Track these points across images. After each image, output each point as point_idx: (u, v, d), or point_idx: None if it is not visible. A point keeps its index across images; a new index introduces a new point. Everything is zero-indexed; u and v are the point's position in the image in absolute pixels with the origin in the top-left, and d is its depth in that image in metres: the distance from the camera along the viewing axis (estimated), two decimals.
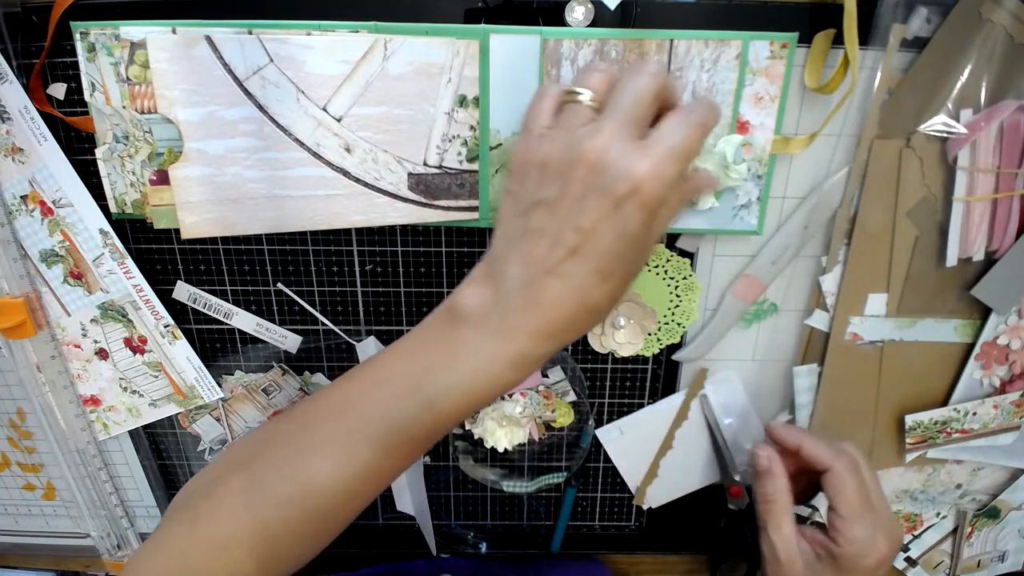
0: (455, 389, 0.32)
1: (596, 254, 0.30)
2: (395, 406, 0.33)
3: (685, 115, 0.32)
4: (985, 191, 0.46)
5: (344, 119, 0.43)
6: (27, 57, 0.43)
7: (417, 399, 0.33)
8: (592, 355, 0.53)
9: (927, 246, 0.48)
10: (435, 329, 0.34)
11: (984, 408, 0.53)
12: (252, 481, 0.35)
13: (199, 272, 0.50)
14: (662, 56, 0.42)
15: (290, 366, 0.54)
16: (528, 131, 0.33)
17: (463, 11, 0.42)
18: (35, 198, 0.46)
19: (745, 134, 0.44)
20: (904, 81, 0.43)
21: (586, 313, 0.32)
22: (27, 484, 0.60)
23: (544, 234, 0.31)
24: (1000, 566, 0.64)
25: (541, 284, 0.31)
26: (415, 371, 0.33)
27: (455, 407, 0.33)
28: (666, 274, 0.50)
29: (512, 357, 0.32)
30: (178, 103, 0.41)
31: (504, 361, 0.32)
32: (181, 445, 0.57)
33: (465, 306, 0.33)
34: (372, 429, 0.34)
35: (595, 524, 0.62)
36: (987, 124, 0.44)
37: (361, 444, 0.34)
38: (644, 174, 0.29)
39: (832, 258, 0.48)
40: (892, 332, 0.51)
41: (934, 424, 0.53)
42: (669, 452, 0.57)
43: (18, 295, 0.48)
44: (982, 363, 0.51)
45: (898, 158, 0.45)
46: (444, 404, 0.33)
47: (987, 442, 0.55)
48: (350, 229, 0.48)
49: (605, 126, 0.30)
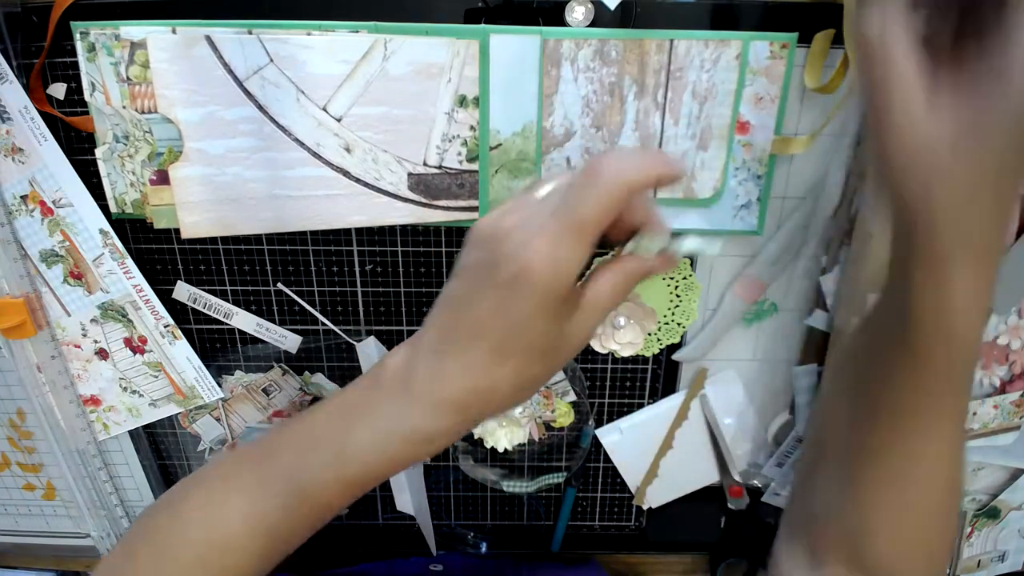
0: (359, 456, 0.31)
1: (488, 332, 0.29)
2: (309, 466, 0.32)
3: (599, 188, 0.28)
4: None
5: (344, 119, 0.43)
6: (27, 57, 0.43)
7: (329, 461, 0.32)
8: (592, 355, 0.53)
9: None
10: (361, 388, 0.33)
11: (984, 408, 0.53)
12: (159, 549, 0.34)
13: (199, 272, 0.50)
14: (662, 56, 0.42)
15: (290, 366, 0.54)
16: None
17: (463, 11, 0.42)
18: (35, 198, 0.46)
19: (745, 134, 0.44)
20: None
21: (488, 392, 0.30)
22: (27, 484, 0.60)
23: (452, 303, 0.31)
24: (1000, 566, 0.64)
25: (444, 354, 0.30)
26: (334, 432, 0.32)
27: (358, 475, 0.32)
28: (666, 274, 0.50)
29: (406, 431, 0.31)
30: (178, 103, 0.41)
31: (399, 434, 0.31)
32: (181, 445, 0.57)
33: (386, 367, 0.32)
34: (283, 486, 0.33)
35: (595, 524, 0.62)
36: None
37: (272, 500, 0.33)
38: (534, 253, 0.27)
39: (832, 258, 0.48)
40: None
41: None
42: (669, 452, 0.57)
43: (18, 295, 0.48)
44: (982, 363, 0.51)
45: None
46: (352, 469, 0.32)
47: (987, 442, 0.55)
48: (350, 229, 0.48)
49: (530, 208, 0.29)
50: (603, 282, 0.30)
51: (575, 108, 0.43)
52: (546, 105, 0.43)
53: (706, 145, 0.44)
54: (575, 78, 0.42)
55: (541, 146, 0.44)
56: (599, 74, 0.42)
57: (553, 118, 0.44)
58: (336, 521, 0.61)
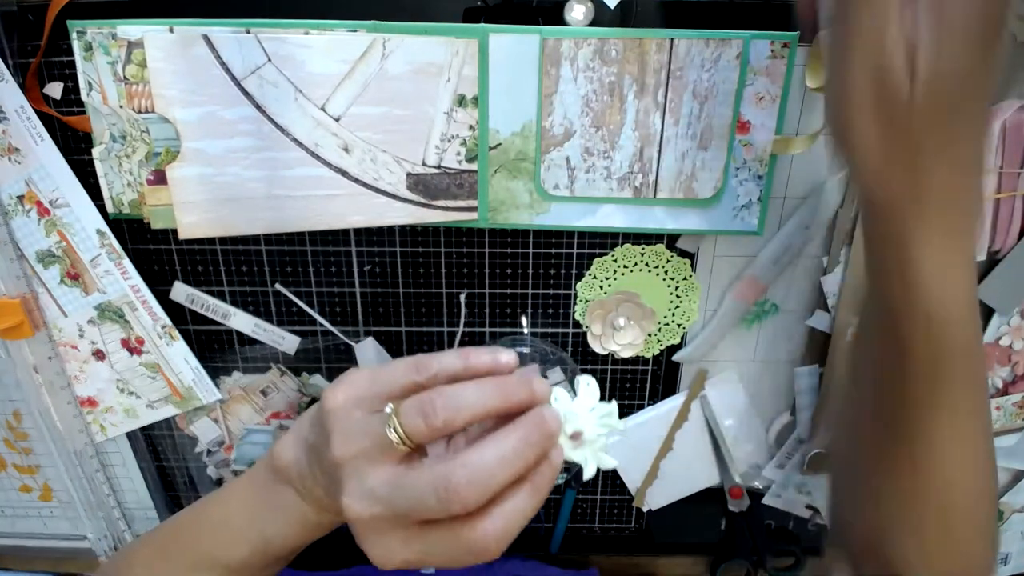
0: (279, 540, 0.36)
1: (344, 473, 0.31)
2: (229, 548, 0.36)
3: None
4: (987, 192, 0.46)
5: (343, 119, 0.43)
6: (23, 56, 0.43)
7: (247, 546, 0.36)
8: (592, 356, 0.53)
9: None
10: (262, 479, 0.36)
11: None
12: None
13: (197, 273, 0.50)
14: (662, 56, 0.42)
15: (288, 367, 0.54)
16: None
17: (462, 10, 0.42)
18: (32, 198, 0.46)
19: (746, 134, 0.44)
20: None
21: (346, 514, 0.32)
22: (24, 486, 0.60)
23: (312, 447, 0.33)
24: (1002, 568, 0.64)
25: (319, 471, 0.33)
26: (244, 519, 0.36)
27: (276, 553, 0.36)
28: (666, 274, 0.50)
29: (311, 521, 0.35)
30: (176, 102, 0.41)
31: (305, 524, 0.35)
32: (179, 447, 0.57)
33: (280, 462, 0.35)
34: (211, 564, 0.36)
35: (595, 526, 0.61)
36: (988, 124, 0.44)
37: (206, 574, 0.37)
38: (328, 392, 0.31)
39: (833, 258, 0.48)
40: None
41: None
42: (669, 454, 0.57)
43: (15, 296, 0.47)
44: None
45: None
46: (271, 548, 0.36)
47: None
48: (348, 229, 0.48)
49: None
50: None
51: (575, 108, 0.43)
52: (545, 105, 0.43)
53: (706, 145, 0.44)
54: (575, 77, 0.42)
55: (540, 146, 0.44)
56: (599, 73, 0.42)
57: (553, 118, 0.43)
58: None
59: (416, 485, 0.28)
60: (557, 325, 0.52)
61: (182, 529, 0.39)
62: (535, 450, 0.28)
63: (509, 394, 0.29)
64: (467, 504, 0.27)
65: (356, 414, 0.30)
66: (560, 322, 0.52)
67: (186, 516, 0.39)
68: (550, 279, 0.50)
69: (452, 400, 0.28)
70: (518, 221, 0.47)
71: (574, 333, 0.53)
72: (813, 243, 0.48)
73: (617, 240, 0.49)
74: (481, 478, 0.27)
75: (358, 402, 0.31)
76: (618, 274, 0.50)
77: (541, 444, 0.28)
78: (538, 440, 0.28)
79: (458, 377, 0.30)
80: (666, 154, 0.44)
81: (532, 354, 0.53)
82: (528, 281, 0.51)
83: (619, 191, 0.45)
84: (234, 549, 0.36)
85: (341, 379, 0.32)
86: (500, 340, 0.53)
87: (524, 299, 0.51)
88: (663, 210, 0.46)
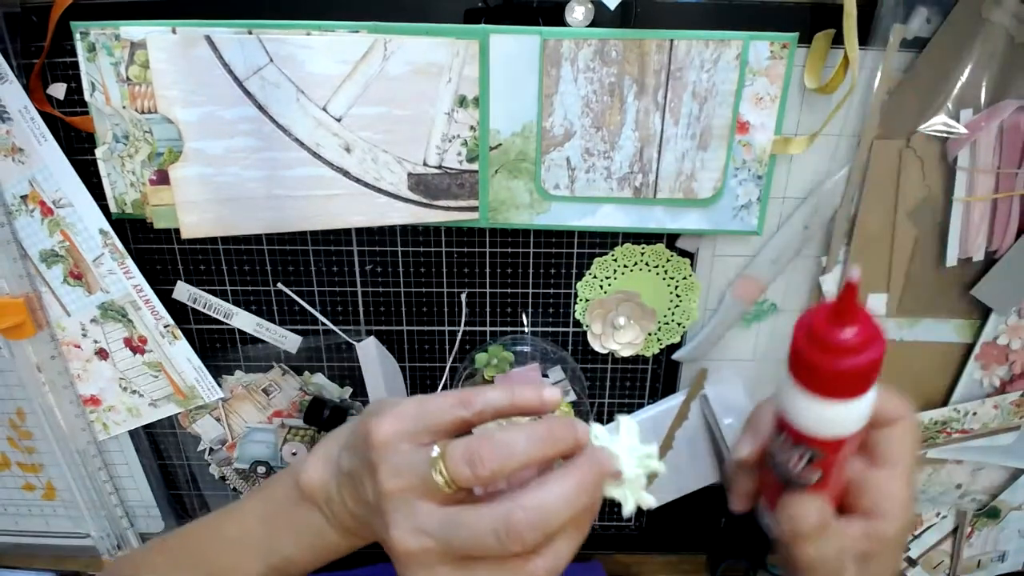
0: (297, 560, 0.36)
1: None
2: (244, 565, 0.36)
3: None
4: (985, 191, 0.46)
5: (344, 119, 0.43)
6: (27, 57, 0.43)
7: (263, 564, 0.36)
8: (592, 355, 0.53)
9: (927, 246, 0.48)
10: (282, 497, 0.36)
11: (984, 408, 0.53)
12: None
13: (199, 272, 0.50)
14: (662, 56, 0.42)
15: (290, 366, 0.54)
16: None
17: (463, 11, 0.42)
18: (35, 198, 0.46)
19: (745, 134, 0.44)
20: (904, 81, 0.43)
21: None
22: (27, 484, 0.60)
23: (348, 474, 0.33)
24: (1000, 566, 0.64)
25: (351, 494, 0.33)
26: (262, 537, 0.36)
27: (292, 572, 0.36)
28: (666, 274, 0.50)
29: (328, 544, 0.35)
30: (178, 103, 0.41)
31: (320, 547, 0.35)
32: (181, 445, 0.57)
33: (307, 484, 0.35)
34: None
35: (595, 524, 0.62)
36: (987, 124, 0.44)
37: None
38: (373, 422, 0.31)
39: (832, 258, 0.48)
40: (893, 332, 0.51)
41: (934, 424, 0.53)
42: (669, 453, 0.57)
43: (18, 295, 0.48)
44: (982, 363, 0.51)
45: (898, 158, 0.45)
46: (289, 567, 0.36)
47: (987, 442, 0.55)
48: (350, 229, 0.48)
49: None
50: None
51: (575, 108, 0.43)
52: (546, 105, 0.43)
53: (706, 145, 0.44)
54: (575, 78, 0.42)
55: (541, 146, 0.44)
56: (599, 74, 0.42)
57: (553, 118, 0.44)
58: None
59: (474, 524, 0.28)
60: (557, 324, 0.52)
61: (196, 541, 0.39)
62: (592, 494, 0.29)
63: (555, 441, 0.30)
64: (527, 545, 0.27)
65: (403, 447, 0.30)
66: (560, 321, 0.52)
67: (199, 528, 0.39)
68: (550, 279, 0.51)
69: (499, 449, 0.29)
70: (518, 221, 0.47)
71: (574, 332, 0.53)
72: (813, 243, 0.49)
73: (617, 240, 0.49)
74: (542, 521, 0.27)
75: (405, 436, 0.31)
76: (618, 274, 0.50)
77: (597, 487, 0.30)
78: (593, 483, 0.29)
79: (503, 413, 0.31)
80: (666, 154, 0.45)
81: (532, 353, 0.53)
82: (528, 280, 0.51)
83: (619, 191, 0.46)
84: (250, 566, 0.36)
85: (387, 410, 0.32)
86: (501, 339, 0.53)
87: (524, 298, 0.51)
88: (663, 210, 0.47)
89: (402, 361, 0.54)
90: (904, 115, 0.44)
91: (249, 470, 0.56)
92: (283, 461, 0.55)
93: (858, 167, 0.45)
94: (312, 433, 0.55)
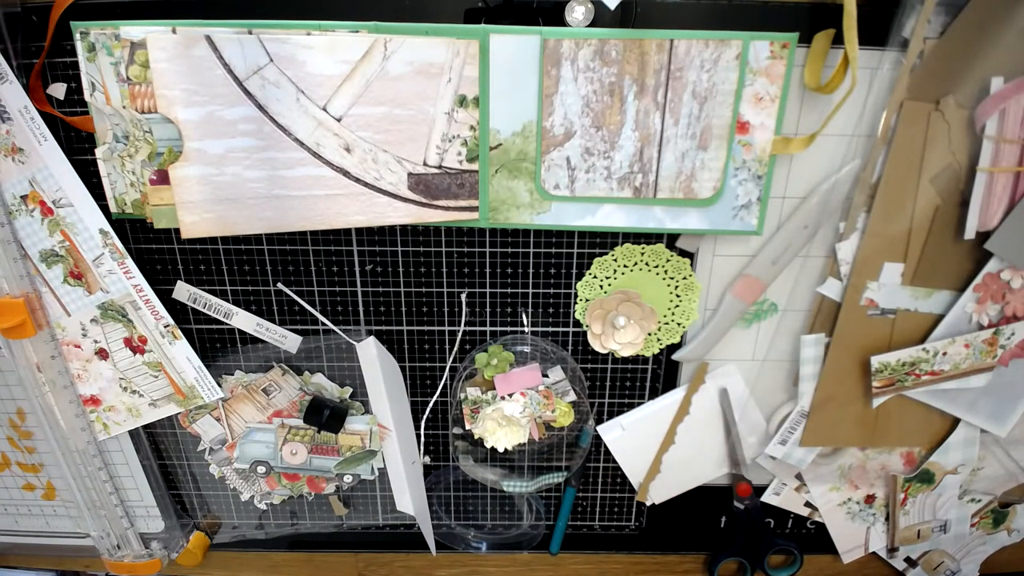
0: None
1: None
2: None
3: None
4: (1010, 163, 0.45)
5: (344, 119, 0.43)
6: (27, 57, 0.43)
7: None
8: (592, 355, 0.53)
9: (947, 217, 0.47)
10: None
11: (955, 348, 0.50)
12: None
13: (199, 272, 0.50)
14: (662, 56, 0.42)
15: (290, 366, 0.54)
16: None
17: (463, 11, 0.42)
18: (35, 198, 0.46)
19: (745, 134, 0.44)
20: (937, 46, 0.42)
21: None
22: (27, 484, 0.60)
23: None
24: (943, 537, 0.59)
25: None
26: None
27: None
28: (666, 274, 0.50)
29: None
30: (178, 103, 0.41)
31: None
32: (181, 445, 0.57)
33: None
34: None
35: (595, 524, 0.62)
36: (1017, 93, 0.42)
37: None
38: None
39: (851, 224, 0.47)
40: (908, 301, 0.49)
41: (902, 366, 0.51)
42: (671, 448, 0.57)
43: (18, 295, 0.48)
44: (979, 296, 0.49)
45: (926, 121, 0.44)
46: None
47: (959, 384, 0.52)
48: (350, 229, 0.48)
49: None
50: None
51: (575, 108, 0.43)
52: (546, 105, 0.43)
53: (706, 145, 0.44)
54: (575, 78, 0.42)
55: (541, 146, 0.44)
56: (599, 74, 0.42)
57: (553, 118, 0.44)
58: (336, 521, 0.61)
59: None
60: (557, 324, 0.52)
61: None
62: None
63: None
64: None
65: None
66: (560, 321, 0.52)
67: None
68: (550, 278, 0.51)
69: None
70: (518, 221, 0.47)
71: (574, 332, 0.53)
72: (813, 243, 0.49)
73: (617, 240, 0.49)
74: None
75: None
76: (618, 273, 0.50)
77: None
78: None
79: None
80: (666, 154, 0.45)
81: (532, 353, 0.53)
82: (528, 280, 0.51)
83: (619, 191, 0.46)
84: None
85: None
86: (501, 339, 0.53)
87: (524, 298, 0.51)
88: (663, 210, 0.47)
89: (402, 361, 0.54)
90: (934, 79, 0.43)
91: (249, 470, 0.56)
92: (283, 461, 0.55)
93: (884, 130, 0.45)
94: (312, 433, 0.55)
